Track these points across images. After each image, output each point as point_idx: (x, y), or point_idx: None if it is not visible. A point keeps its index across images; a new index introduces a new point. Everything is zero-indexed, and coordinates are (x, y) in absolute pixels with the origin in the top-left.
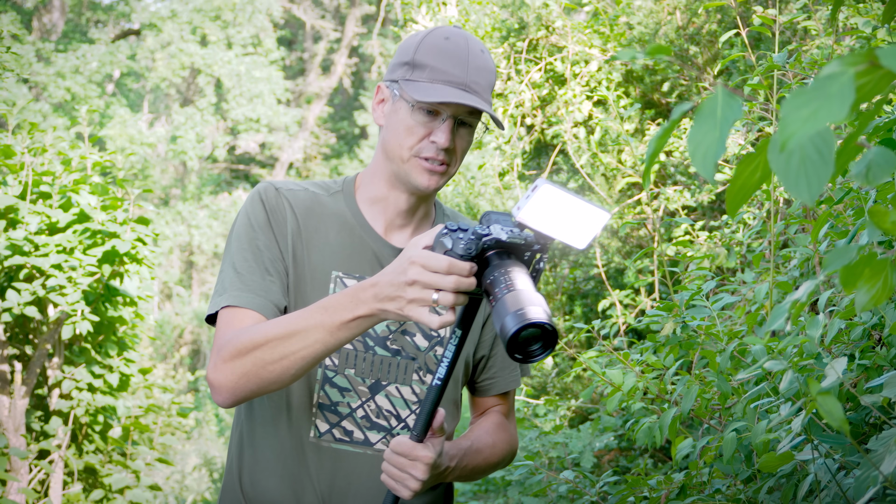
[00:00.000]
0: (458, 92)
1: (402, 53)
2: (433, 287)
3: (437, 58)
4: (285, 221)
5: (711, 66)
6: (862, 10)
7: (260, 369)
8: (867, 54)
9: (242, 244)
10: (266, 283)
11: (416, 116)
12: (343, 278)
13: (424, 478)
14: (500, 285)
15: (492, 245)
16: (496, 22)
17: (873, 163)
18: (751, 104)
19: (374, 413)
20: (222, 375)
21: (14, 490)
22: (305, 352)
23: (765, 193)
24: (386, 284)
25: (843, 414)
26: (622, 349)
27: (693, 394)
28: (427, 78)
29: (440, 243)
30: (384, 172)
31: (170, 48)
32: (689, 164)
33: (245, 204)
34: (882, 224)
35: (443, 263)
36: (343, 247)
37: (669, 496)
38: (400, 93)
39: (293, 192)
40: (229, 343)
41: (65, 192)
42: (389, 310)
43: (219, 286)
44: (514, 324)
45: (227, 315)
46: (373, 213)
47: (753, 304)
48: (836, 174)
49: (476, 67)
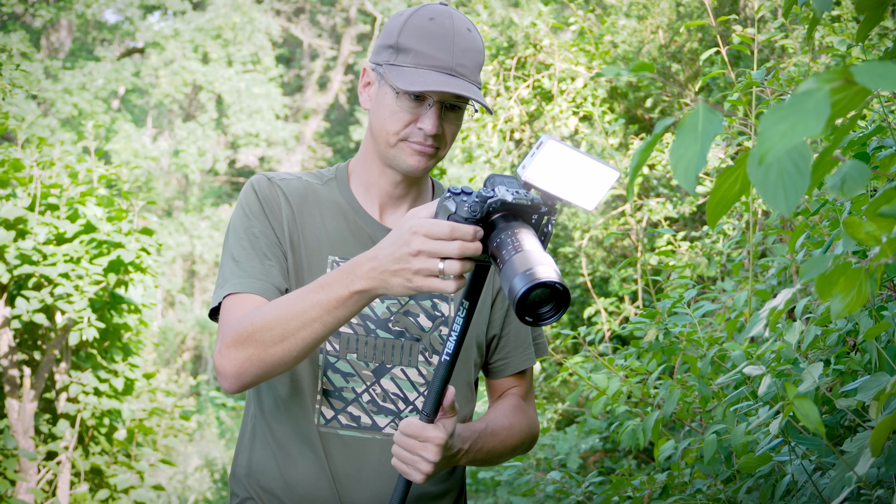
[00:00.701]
0: (444, 78)
1: (387, 35)
2: (438, 255)
3: (421, 41)
4: (280, 209)
5: (693, 82)
6: (837, 29)
7: (262, 353)
8: (842, 72)
9: (239, 234)
10: (265, 267)
11: (402, 102)
12: (340, 262)
13: (436, 460)
14: (507, 247)
15: (497, 207)
16: (486, 40)
17: (848, 176)
18: (730, 119)
19: (380, 397)
20: (227, 361)
21: (23, 490)
22: (305, 332)
23: (744, 205)
24: (386, 258)
25: (818, 417)
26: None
27: (675, 397)
28: (412, 63)
29: (443, 207)
30: (374, 156)
31: (173, 66)
32: (671, 176)
33: (240, 197)
34: (856, 234)
35: (444, 229)
36: (339, 231)
37: (652, 496)
38: (385, 77)
39: (286, 181)
40: (232, 328)
41: (72, 204)
42: (393, 283)
43: (220, 280)
44: (522, 284)
45: (229, 302)
46: (367, 198)
47: (733, 312)
48: (812, 186)
49: (462, 49)
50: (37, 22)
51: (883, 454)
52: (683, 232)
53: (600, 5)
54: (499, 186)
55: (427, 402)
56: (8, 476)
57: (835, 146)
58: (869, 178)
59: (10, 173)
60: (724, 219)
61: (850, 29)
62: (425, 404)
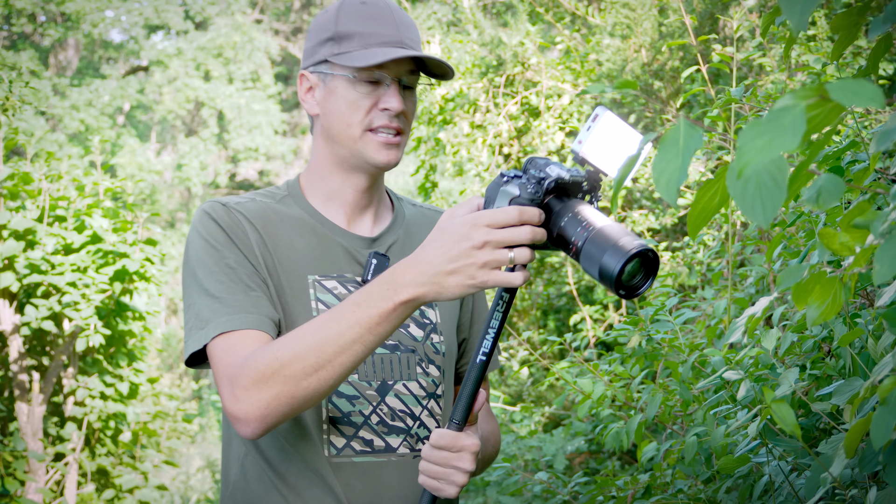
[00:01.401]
0: (398, 49)
1: (319, 32)
2: (508, 244)
3: (361, 23)
4: (246, 234)
5: (674, 99)
6: (813, 48)
7: (293, 388)
8: (817, 89)
9: (209, 268)
10: (252, 298)
11: (360, 88)
12: (320, 281)
13: (472, 468)
14: (577, 228)
15: (552, 188)
16: (476, 59)
17: (823, 188)
18: (710, 135)
19: (388, 416)
20: (249, 405)
21: (32, 490)
22: (344, 357)
23: (723, 217)
24: (439, 259)
25: (795, 420)
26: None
27: (657, 401)
28: (359, 45)
29: (504, 192)
30: (332, 161)
31: (176, 83)
32: (653, 189)
33: (195, 229)
34: (831, 245)
35: (513, 214)
36: (311, 249)
37: (635, 495)
38: (332, 70)
39: (242, 204)
40: (246, 369)
41: (79, 216)
42: (449, 284)
43: (195, 320)
44: (616, 261)
45: (222, 343)
46: (330, 209)
47: (713, 319)
48: (788, 199)
49: (404, 23)
50: (45, 41)
51: (857, 456)
52: (665, 242)
53: (585, 25)
54: (551, 166)
55: (458, 409)
56: (18, 476)
57: (810, 160)
58: (843, 191)
59: (20, 186)
60: (704, 230)
61: (825, 48)
62: (455, 411)
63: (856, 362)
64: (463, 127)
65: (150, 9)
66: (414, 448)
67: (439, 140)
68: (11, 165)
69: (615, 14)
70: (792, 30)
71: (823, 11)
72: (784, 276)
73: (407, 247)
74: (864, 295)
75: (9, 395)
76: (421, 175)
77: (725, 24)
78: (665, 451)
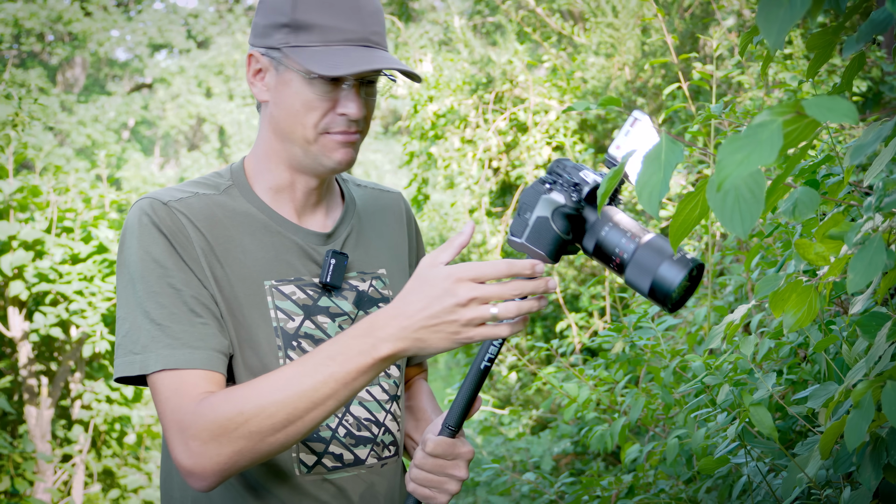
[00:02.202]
0: (363, 51)
1: (274, 12)
2: (494, 299)
3: (323, 13)
4: (190, 242)
5: (656, 115)
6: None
7: (258, 443)
8: (794, 105)
9: (151, 286)
10: (198, 329)
11: (317, 88)
12: (277, 286)
13: (466, 476)
14: (622, 238)
15: (589, 194)
16: (466, 77)
17: (799, 201)
18: (691, 149)
19: (354, 427)
20: (205, 460)
21: (41, 490)
22: (316, 412)
23: (703, 228)
24: (420, 314)
25: (772, 423)
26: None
27: (640, 405)
28: (319, 41)
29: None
30: (282, 156)
31: (178, 100)
32: (636, 201)
33: (133, 232)
34: (807, 255)
35: (501, 268)
36: (264, 250)
37: (619, 495)
38: (287, 62)
39: (183, 201)
40: (203, 419)
41: (85, 227)
42: (432, 340)
43: (129, 342)
44: (677, 274)
45: (168, 381)
46: (279, 202)
47: (693, 326)
48: (766, 211)
49: (370, 13)
50: (53, 59)
51: (831, 457)
52: None
53: (571, 44)
54: (584, 171)
55: (453, 414)
56: (27, 477)
57: (787, 174)
58: (818, 204)
59: (29, 199)
60: (685, 240)
61: (801, 66)
62: (449, 416)
63: (830, 368)
64: (454, 142)
65: (154, 28)
66: (381, 457)
67: (431, 154)
68: (21, 178)
69: (600, 33)
70: (769, 49)
71: (799, 31)
72: (762, 285)
73: (362, 237)
74: (839, 303)
75: (18, 398)
76: (414, 188)
77: (705, 43)
78: (648, 452)
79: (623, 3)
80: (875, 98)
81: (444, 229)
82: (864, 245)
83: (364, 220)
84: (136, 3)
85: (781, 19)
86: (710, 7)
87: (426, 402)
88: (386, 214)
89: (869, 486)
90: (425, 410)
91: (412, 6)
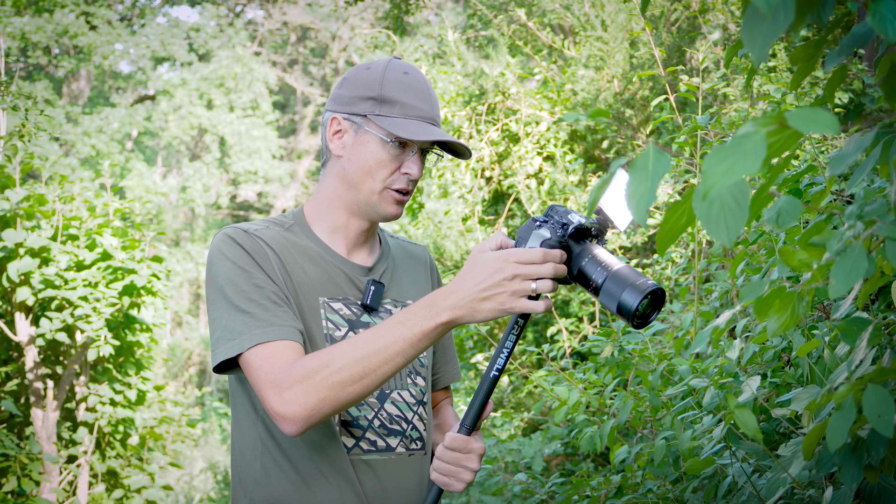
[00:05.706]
0: (430, 126)
1: (362, 87)
2: (533, 277)
3: (404, 93)
4: (268, 258)
5: (644, 126)
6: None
7: (338, 392)
8: (777, 116)
9: (239, 287)
10: (281, 313)
11: (391, 150)
12: (329, 302)
13: (478, 468)
14: (596, 268)
15: (573, 232)
16: (460, 88)
17: (782, 210)
18: (678, 159)
19: (387, 420)
20: (296, 406)
21: (47, 490)
22: (387, 367)
23: (690, 236)
24: (474, 287)
25: (756, 424)
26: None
27: (628, 407)
28: (399, 113)
29: (536, 235)
30: (344, 201)
31: (180, 111)
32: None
33: (220, 252)
34: (790, 262)
35: (538, 254)
36: (320, 273)
37: (608, 495)
38: (369, 126)
39: (260, 230)
40: (292, 374)
41: (90, 235)
42: (483, 308)
43: (225, 333)
44: (635, 298)
45: (261, 352)
46: (334, 240)
47: (680, 331)
48: (750, 219)
49: (434, 100)
50: (59, 72)
51: (814, 458)
52: (636, 259)
53: (562, 57)
54: (572, 214)
55: (468, 416)
56: (33, 477)
57: (770, 183)
58: (801, 212)
59: (35, 207)
60: (672, 248)
61: (784, 78)
62: (466, 418)
63: (813, 371)
64: None
65: (157, 42)
66: (409, 447)
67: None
68: (27, 188)
69: (589, 47)
70: (753, 61)
71: (783, 44)
72: (746, 291)
73: (395, 274)
74: (821, 308)
75: (25, 401)
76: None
77: (692, 56)
78: (636, 453)
79: (612, 18)
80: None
81: (438, 237)
82: (845, 252)
83: (397, 263)
84: (140, 18)
85: (765, 33)
86: (696, 21)
87: (451, 421)
88: (414, 261)
89: (850, 485)
90: (451, 426)
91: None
